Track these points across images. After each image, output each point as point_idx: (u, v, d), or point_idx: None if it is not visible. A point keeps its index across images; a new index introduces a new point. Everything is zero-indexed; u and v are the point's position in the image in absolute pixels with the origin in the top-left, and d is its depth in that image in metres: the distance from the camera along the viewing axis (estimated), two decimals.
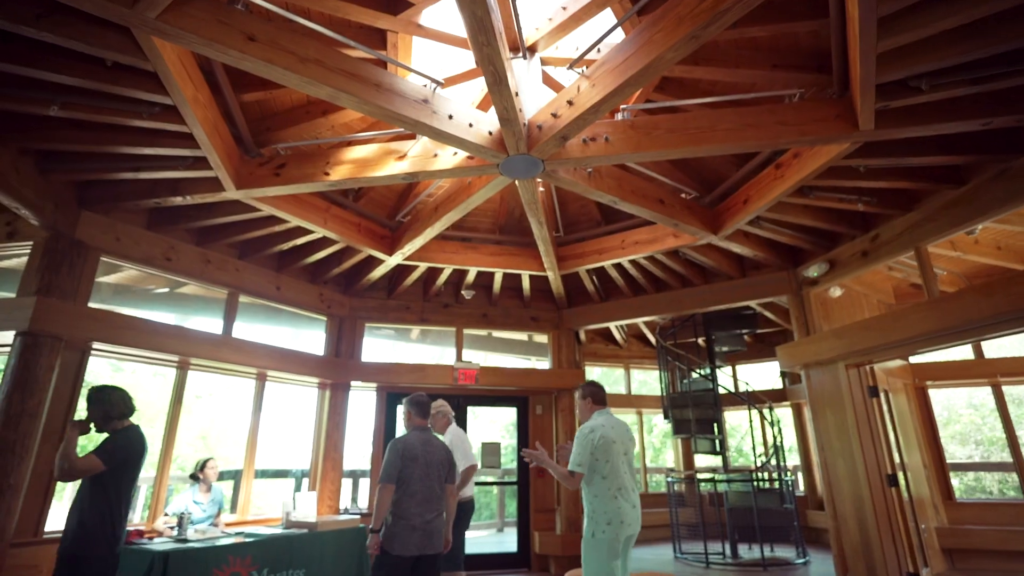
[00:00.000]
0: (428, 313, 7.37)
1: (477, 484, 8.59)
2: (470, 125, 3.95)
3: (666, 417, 8.45)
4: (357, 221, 5.72)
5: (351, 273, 7.05)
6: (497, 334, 8.56)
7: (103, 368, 14.04)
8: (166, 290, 6.40)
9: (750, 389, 9.30)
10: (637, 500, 3.37)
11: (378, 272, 6.59)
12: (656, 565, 7.15)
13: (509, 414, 15.51)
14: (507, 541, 9.08)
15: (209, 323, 6.91)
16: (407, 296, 7.36)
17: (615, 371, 11.10)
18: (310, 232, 5.61)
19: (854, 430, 5.36)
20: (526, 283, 7.21)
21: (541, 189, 5.47)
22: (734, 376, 9.64)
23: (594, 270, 6.91)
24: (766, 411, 8.40)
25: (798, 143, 3.94)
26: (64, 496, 8.93)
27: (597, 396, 3.63)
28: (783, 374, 9.78)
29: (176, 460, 5.05)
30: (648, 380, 15.33)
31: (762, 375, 11.28)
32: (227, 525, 5.12)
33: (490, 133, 4.04)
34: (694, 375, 8.37)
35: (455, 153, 4.39)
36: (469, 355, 7.43)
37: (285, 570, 4.21)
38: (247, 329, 6.21)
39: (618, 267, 6.78)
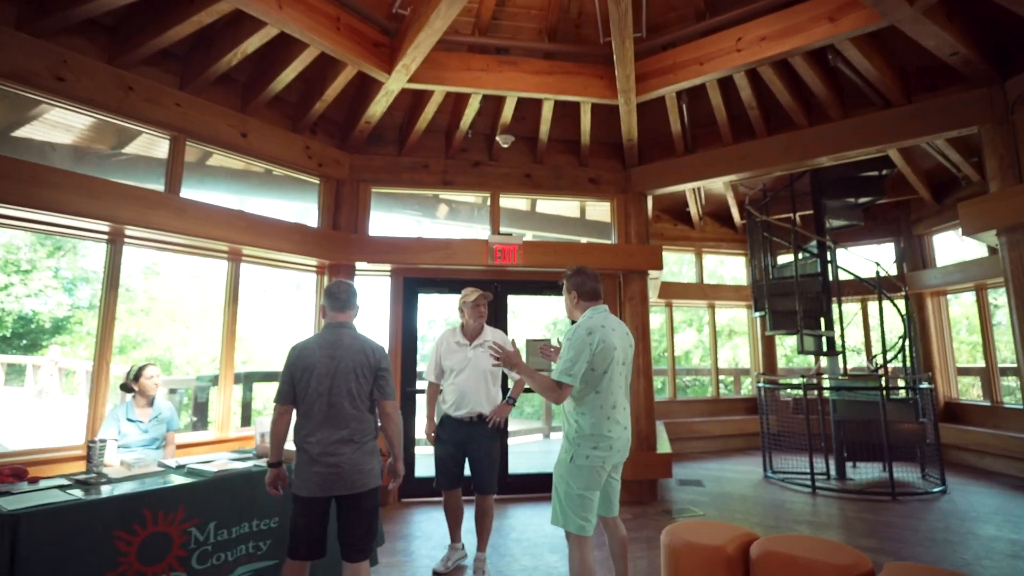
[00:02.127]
0: (453, 173, 5.57)
1: (531, 391, 7.24)
2: None
3: (758, 309, 6.68)
4: (334, 13, 3.81)
5: (343, 112, 5.24)
6: (542, 207, 6.73)
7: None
8: (108, 151, 4.73)
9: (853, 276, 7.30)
10: (629, 421, 2.78)
11: (378, 107, 4.75)
12: (745, 488, 5.73)
13: (556, 307, 13.82)
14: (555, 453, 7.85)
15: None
16: (424, 151, 5.54)
17: (684, 256, 9.25)
18: (260, 26, 3.75)
19: None
20: (584, 122, 5.24)
21: None
22: (833, 260, 7.63)
23: (688, 94, 4.87)
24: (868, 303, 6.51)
25: None
26: None
27: (586, 288, 2.82)
28: (900, 258, 7.76)
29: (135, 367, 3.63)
30: (718, 269, 13.44)
31: (863, 260, 9.25)
32: (180, 450, 3.81)
33: None
34: (797, 257, 6.44)
35: None
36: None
37: (246, 521, 2.87)
38: (216, 200, 4.59)
39: (726, 88, 4.73)
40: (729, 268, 13.89)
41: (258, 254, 4.73)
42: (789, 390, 6.85)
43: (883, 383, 5.54)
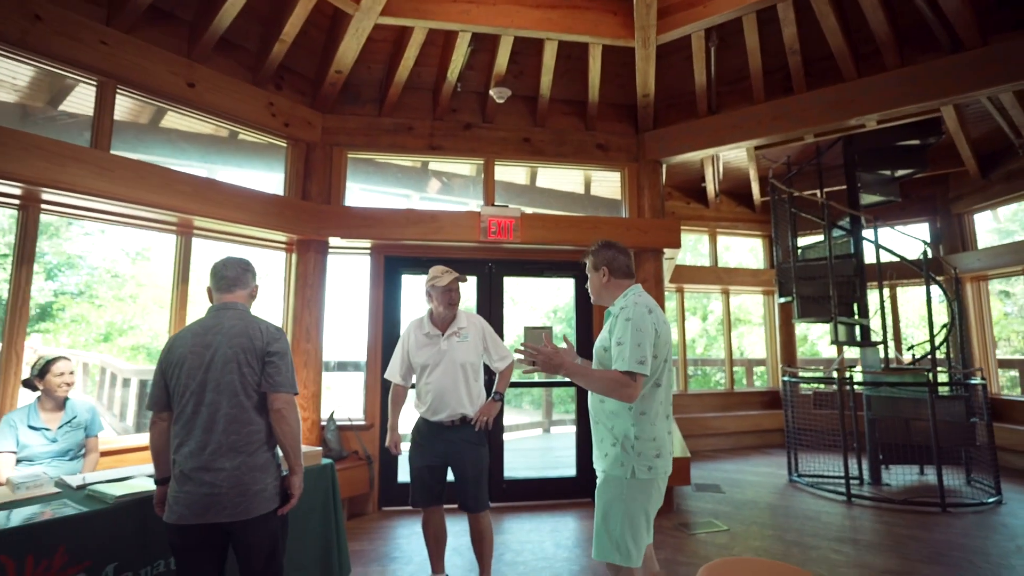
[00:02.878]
0: (441, 137, 4.86)
1: (520, 385, 6.60)
2: None
3: (783, 295, 6.00)
4: None
5: (313, 65, 4.54)
6: (542, 181, 6.02)
7: None
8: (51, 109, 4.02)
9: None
10: None
11: (348, 51, 4.06)
12: (770, 495, 5.08)
13: (559, 294, 13.00)
14: (559, 455, 7.20)
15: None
16: (407, 111, 4.83)
17: (696, 238, 8.54)
18: None
19: None
20: (593, 72, 4.52)
21: None
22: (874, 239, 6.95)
23: (717, 34, 4.15)
24: (897, 289, 5.82)
25: None
26: None
27: (619, 264, 2.24)
28: (936, 239, 7.06)
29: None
30: (723, 254, 12.72)
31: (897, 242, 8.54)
32: (128, 457, 3.17)
33: None
34: (830, 236, 5.74)
35: None
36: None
37: (162, 558, 2.20)
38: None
39: (764, 21, 4.01)
40: (735, 253, 13.14)
41: (212, 227, 4.04)
42: (809, 384, 6.20)
43: (932, 378, 4.86)
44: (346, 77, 4.46)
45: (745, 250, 12.58)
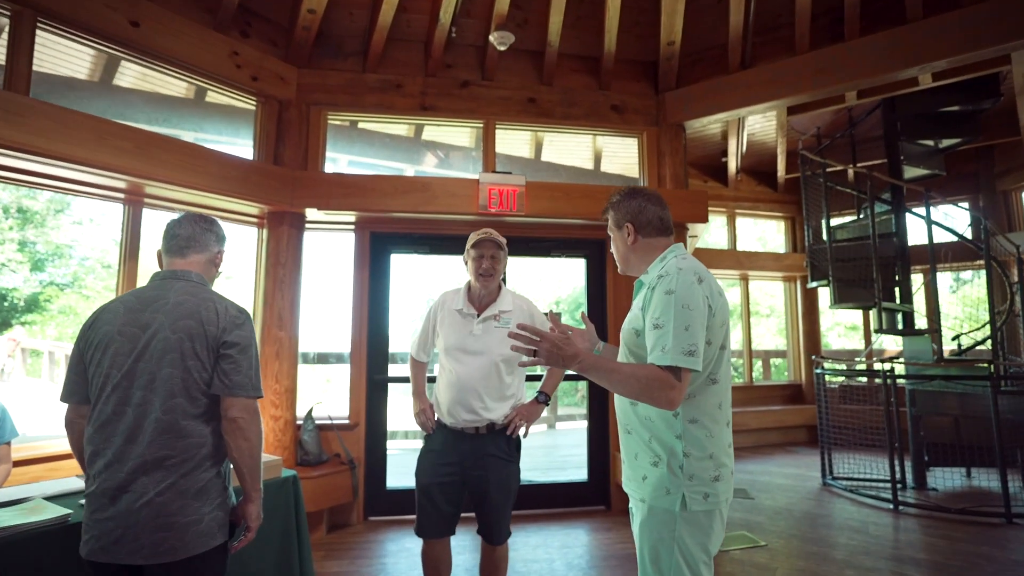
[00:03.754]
0: (435, 96, 4.25)
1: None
2: None
3: (815, 279, 5.41)
4: None
5: (285, 10, 3.93)
6: (548, 155, 5.40)
7: None
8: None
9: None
10: None
11: None
12: (805, 501, 4.52)
13: (569, 276, 12.26)
14: (567, 454, 6.63)
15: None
16: (396, 66, 4.22)
17: (713, 219, 7.92)
18: None
19: None
20: (610, 14, 3.91)
21: None
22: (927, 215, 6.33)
23: None
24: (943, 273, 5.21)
25: None
26: None
27: (648, 216, 1.62)
28: (977, 219, 6.46)
29: None
30: (749, 235, 12.01)
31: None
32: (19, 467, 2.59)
33: None
34: (873, 211, 5.14)
35: None
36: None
37: None
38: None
39: None
40: (745, 237, 12.46)
41: (165, 194, 3.45)
42: (846, 377, 5.62)
43: (996, 370, 4.28)
44: (326, 26, 3.85)
45: (761, 233, 11.95)
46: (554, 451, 6.92)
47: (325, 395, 4.39)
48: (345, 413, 4.09)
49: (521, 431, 2.36)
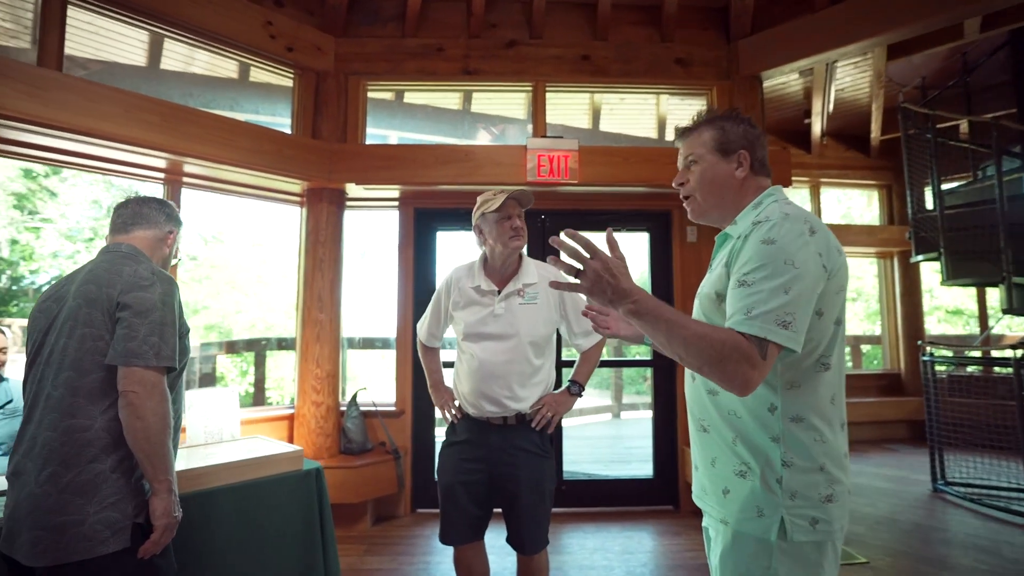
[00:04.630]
0: (478, 59, 3.92)
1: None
2: None
3: (921, 252, 4.67)
4: None
5: None
6: (606, 125, 4.93)
7: None
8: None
9: None
10: None
11: None
12: (914, 511, 3.90)
13: (627, 254, 11.65)
14: (631, 447, 6.19)
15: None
16: (437, 27, 3.93)
17: (793, 191, 7.16)
18: None
19: None
20: None
21: None
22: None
23: None
24: None
25: None
26: None
27: (763, 149, 1.24)
28: None
29: None
30: (833, 211, 10.93)
31: None
32: None
33: None
34: (1000, 169, 4.35)
35: None
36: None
37: None
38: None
39: None
40: (828, 213, 11.33)
41: (206, 173, 3.34)
42: (966, 364, 4.83)
43: None
44: None
45: (846, 210, 10.83)
46: (618, 442, 6.50)
47: (371, 382, 4.21)
48: (391, 400, 3.89)
49: (547, 419, 2.00)
